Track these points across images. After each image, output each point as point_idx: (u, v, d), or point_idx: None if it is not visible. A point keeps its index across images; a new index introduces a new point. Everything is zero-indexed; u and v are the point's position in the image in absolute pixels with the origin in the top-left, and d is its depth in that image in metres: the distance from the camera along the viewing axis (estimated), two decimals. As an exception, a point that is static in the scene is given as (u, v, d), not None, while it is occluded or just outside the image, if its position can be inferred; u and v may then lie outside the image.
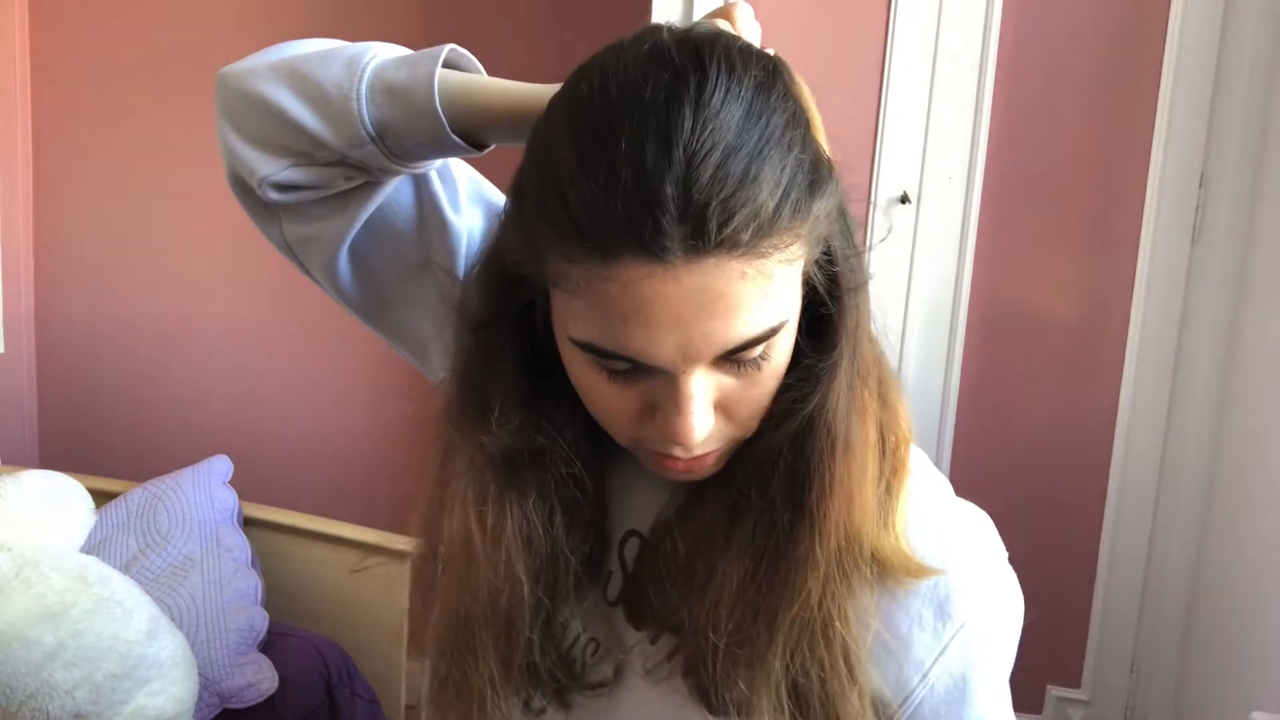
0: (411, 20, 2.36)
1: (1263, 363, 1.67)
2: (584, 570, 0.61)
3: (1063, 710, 1.98)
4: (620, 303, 0.47)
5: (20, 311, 2.63)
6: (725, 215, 0.45)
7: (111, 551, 1.91)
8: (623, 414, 0.54)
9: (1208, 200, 1.79)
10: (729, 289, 0.47)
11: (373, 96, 0.59)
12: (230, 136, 0.65)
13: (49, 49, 2.58)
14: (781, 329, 0.51)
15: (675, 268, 0.46)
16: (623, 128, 0.46)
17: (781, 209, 0.47)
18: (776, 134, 0.48)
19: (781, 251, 0.48)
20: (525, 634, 0.59)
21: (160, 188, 2.55)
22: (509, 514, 0.58)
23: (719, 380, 0.52)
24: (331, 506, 2.09)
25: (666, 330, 0.48)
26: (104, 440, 2.64)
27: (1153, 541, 1.89)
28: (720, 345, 0.49)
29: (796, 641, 0.55)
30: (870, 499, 0.55)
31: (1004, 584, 0.60)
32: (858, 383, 0.55)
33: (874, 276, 0.59)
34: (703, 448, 0.53)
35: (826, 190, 0.51)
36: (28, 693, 1.48)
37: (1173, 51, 1.78)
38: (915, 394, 1.92)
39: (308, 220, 0.66)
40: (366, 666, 1.90)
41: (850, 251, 0.54)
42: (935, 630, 0.57)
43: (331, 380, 2.48)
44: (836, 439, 0.54)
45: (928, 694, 0.58)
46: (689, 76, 0.47)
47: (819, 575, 0.54)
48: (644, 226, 0.45)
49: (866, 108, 1.85)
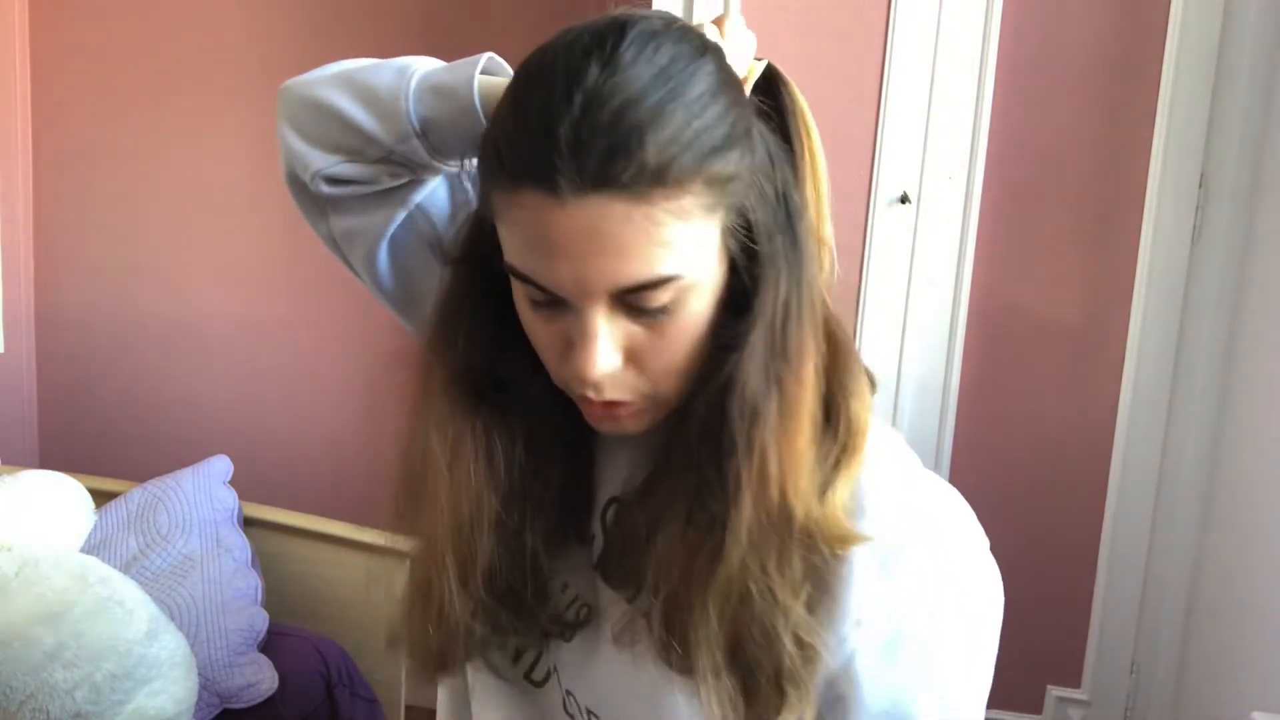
0: (410, 18, 2.36)
1: (1263, 363, 1.67)
2: (561, 521, 0.66)
3: (1063, 710, 1.98)
4: (527, 229, 0.54)
5: (20, 311, 2.63)
6: (609, 157, 0.51)
7: (111, 551, 1.91)
8: (550, 350, 0.59)
9: (1208, 200, 1.79)
10: (614, 229, 0.52)
11: (419, 96, 0.67)
12: (290, 137, 0.73)
13: (49, 49, 2.58)
14: (675, 282, 0.54)
15: (566, 202, 0.52)
16: (541, 78, 0.54)
17: (672, 162, 0.51)
18: (686, 96, 0.52)
19: (671, 203, 0.52)
20: (484, 543, 0.63)
21: (160, 188, 2.55)
22: (472, 432, 0.64)
23: (626, 327, 0.56)
24: (331, 506, 2.09)
25: (562, 260, 0.53)
26: (104, 440, 2.64)
27: (1153, 541, 1.89)
28: (610, 283, 0.53)
29: (725, 606, 0.57)
30: (801, 473, 0.57)
31: (966, 558, 0.60)
32: (779, 358, 0.57)
33: (831, 269, 0.62)
34: (613, 392, 0.58)
35: (738, 158, 0.54)
36: (28, 693, 1.48)
37: (1173, 51, 1.78)
38: (915, 394, 1.92)
39: (353, 214, 0.74)
40: (366, 666, 1.90)
41: (778, 230, 0.57)
42: (875, 588, 0.57)
43: (332, 380, 2.48)
44: (748, 409, 0.56)
45: (862, 647, 0.57)
46: (607, 38, 0.53)
47: (741, 541, 0.56)
48: (539, 160, 0.52)
49: (866, 108, 1.85)
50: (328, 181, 0.71)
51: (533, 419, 0.65)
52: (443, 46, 2.46)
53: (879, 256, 1.88)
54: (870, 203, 1.87)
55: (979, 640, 0.60)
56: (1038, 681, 1.98)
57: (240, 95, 2.45)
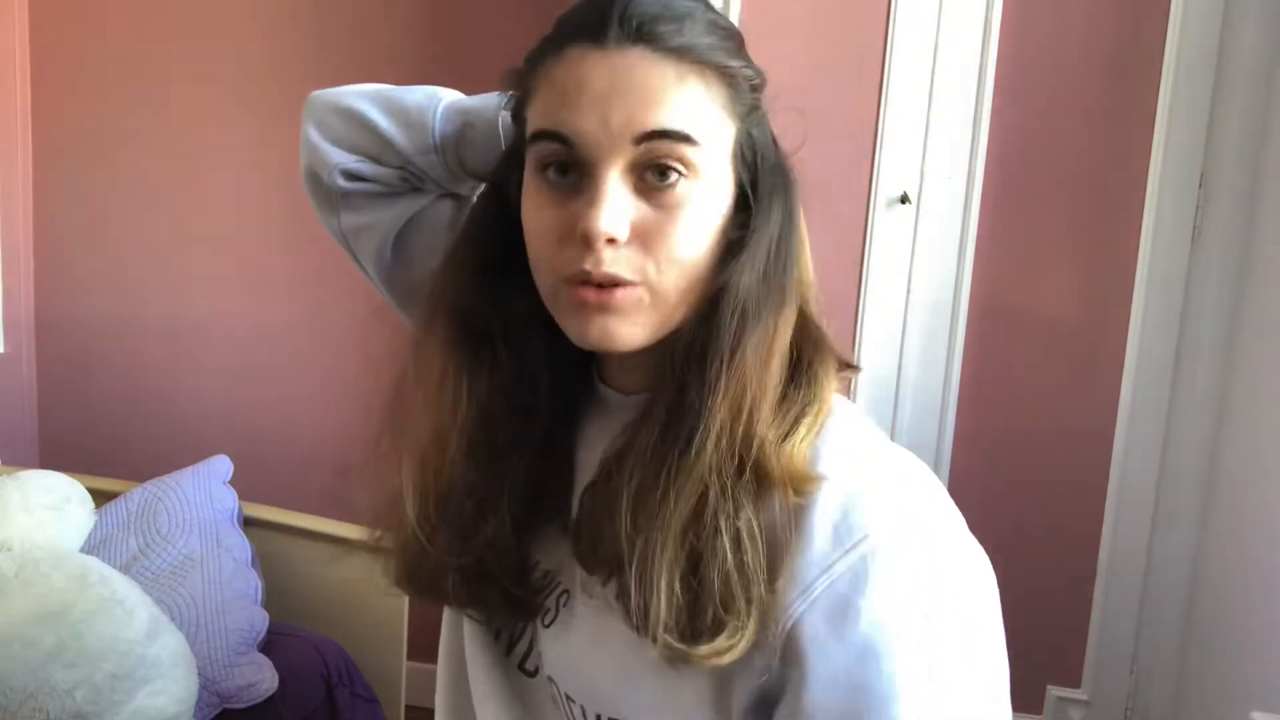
0: (413, 18, 2.36)
1: (1263, 363, 1.67)
2: (538, 504, 0.68)
3: (1063, 710, 1.98)
4: (565, 80, 0.60)
5: (20, 311, 2.63)
6: (655, 21, 0.59)
7: (111, 551, 1.91)
8: (552, 237, 0.61)
9: (1208, 200, 1.79)
10: (647, 75, 0.58)
11: (446, 115, 0.74)
12: (314, 137, 0.78)
13: (49, 49, 2.58)
14: (691, 148, 0.59)
15: (608, 50, 0.59)
16: None
17: (705, 44, 0.60)
18: (715, 15, 0.62)
19: (699, 75, 0.59)
20: (447, 470, 0.67)
21: (160, 188, 2.54)
22: (461, 366, 0.67)
23: (637, 204, 0.59)
24: (331, 506, 2.09)
25: (593, 103, 0.59)
26: (104, 440, 2.64)
27: (1153, 541, 1.89)
28: (637, 124, 0.58)
29: (685, 538, 0.58)
30: (767, 401, 0.60)
31: (927, 526, 0.59)
32: (776, 275, 0.62)
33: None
34: (614, 266, 0.59)
35: (749, 80, 0.62)
36: (28, 693, 1.48)
37: (1173, 51, 1.78)
38: (915, 394, 1.92)
39: (363, 212, 0.79)
40: (366, 666, 1.90)
41: (774, 166, 0.64)
42: (826, 549, 0.57)
43: (332, 380, 2.48)
44: (739, 310, 0.60)
45: (807, 609, 0.56)
46: None
47: (708, 450, 0.58)
48: (593, 18, 0.59)
49: (866, 108, 1.85)
50: (345, 176, 0.77)
51: (524, 368, 0.67)
52: (444, 45, 2.46)
53: (879, 256, 1.88)
54: (870, 203, 1.87)
55: (938, 617, 0.56)
56: (1038, 681, 1.98)
57: (241, 96, 2.45)
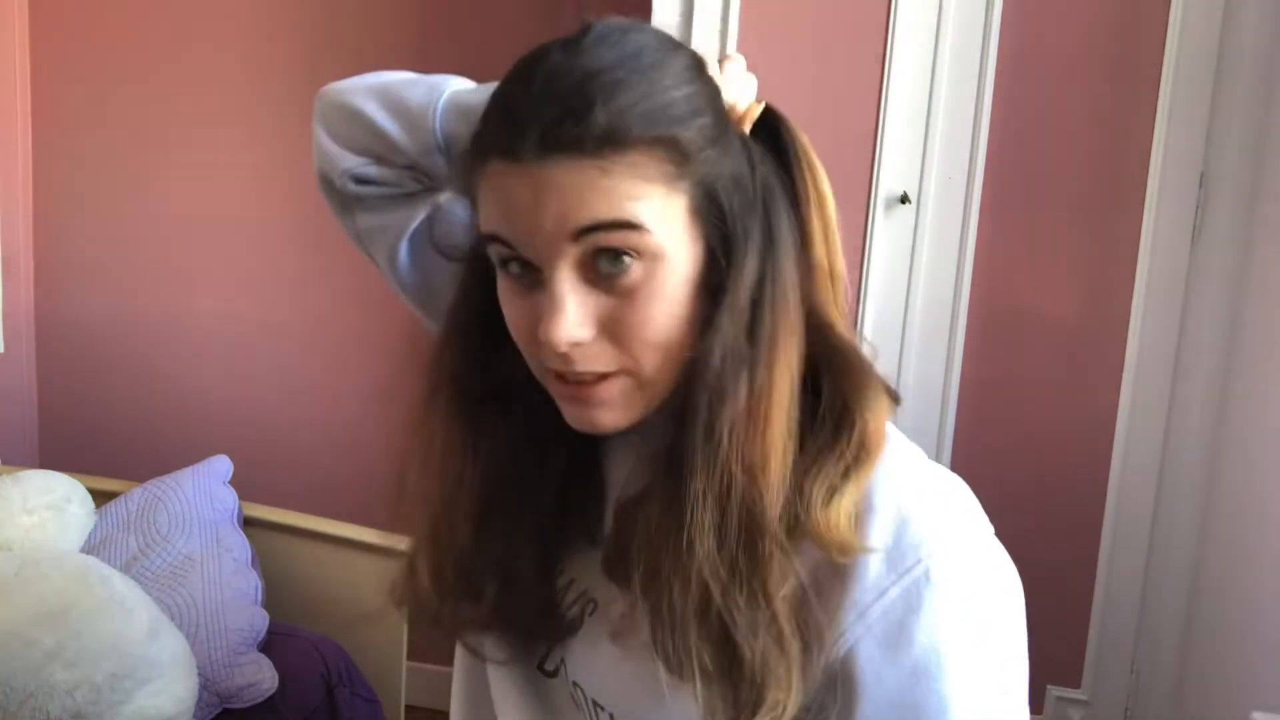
0: (407, 24, 2.36)
1: (1263, 363, 1.67)
2: (566, 522, 0.68)
3: (1063, 710, 1.98)
4: (495, 194, 0.58)
5: (20, 311, 2.63)
6: (560, 121, 0.54)
7: (111, 551, 1.91)
8: (525, 332, 0.60)
9: (1208, 200, 1.79)
10: (570, 181, 0.55)
11: (446, 114, 0.72)
12: (323, 138, 0.78)
13: (49, 49, 2.58)
14: (637, 234, 0.55)
15: (526, 165, 0.55)
16: (512, 71, 0.59)
17: (623, 124, 0.54)
18: (648, 74, 0.56)
19: (625, 162, 0.55)
20: (464, 536, 0.66)
21: (160, 188, 2.54)
22: (465, 430, 0.66)
23: (597, 298, 0.57)
24: (331, 506, 2.09)
25: (525, 214, 0.56)
26: (104, 440, 2.64)
27: (1153, 541, 1.89)
28: (570, 225, 0.55)
29: (696, 594, 0.57)
30: (771, 464, 0.57)
31: (975, 545, 0.60)
32: (745, 341, 0.58)
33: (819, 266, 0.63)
34: (586, 364, 0.58)
35: (701, 134, 0.57)
36: (28, 692, 1.48)
37: (1173, 51, 1.78)
38: (915, 394, 1.92)
39: (376, 213, 0.78)
40: (366, 666, 1.90)
41: (752, 219, 0.59)
42: (880, 575, 0.57)
43: (332, 380, 2.48)
44: (712, 388, 0.57)
45: (864, 635, 0.57)
46: (579, 34, 0.57)
47: (704, 526, 0.56)
48: (502, 132, 0.56)
49: (866, 108, 1.85)
50: (355, 180, 0.76)
51: (530, 423, 0.66)
52: (447, 41, 2.46)
53: (879, 256, 1.88)
54: (870, 203, 1.87)
55: (988, 635, 0.59)
56: (1038, 681, 1.98)
57: (241, 95, 2.45)
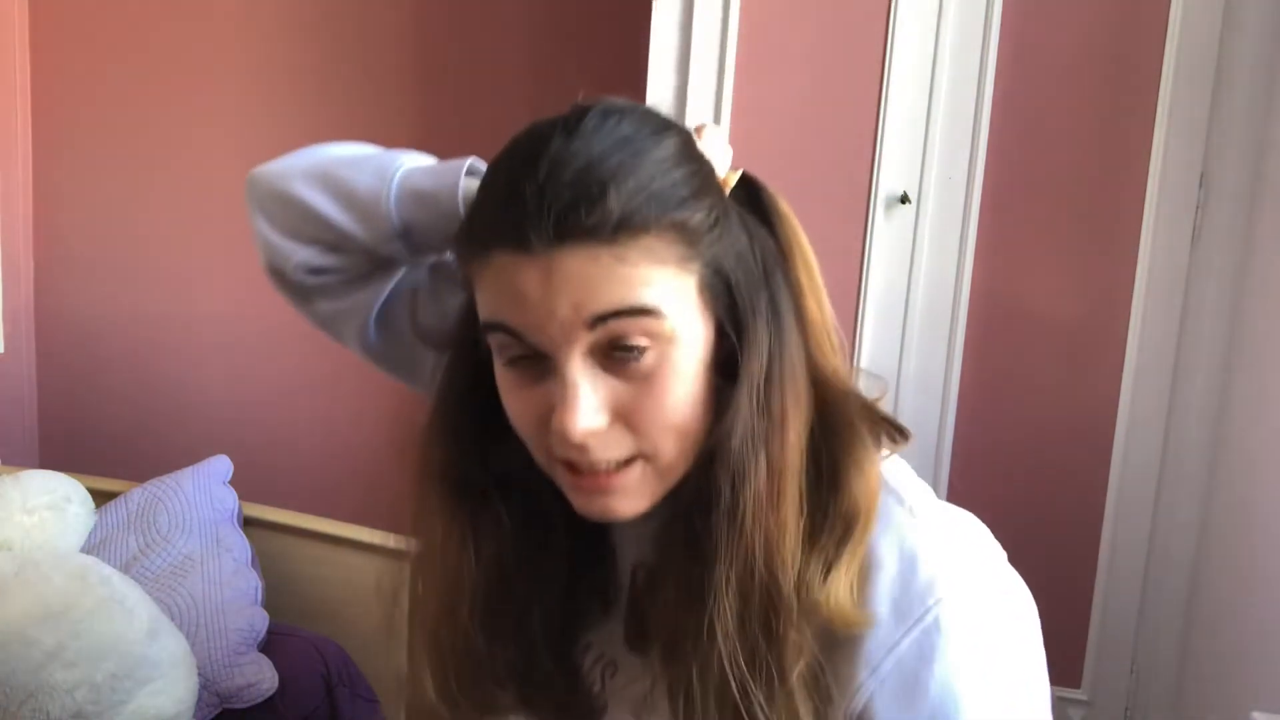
0: (408, 22, 2.36)
1: (1263, 363, 1.67)
2: (579, 594, 0.67)
3: (1063, 710, 1.98)
4: (501, 284, 0.55)
5: (20, 311, 2.63)
6: (573, 208, 0.53)
7: (111, 551, 1.91)
8: (530, 423, 0.58)
9: (1208, 200, 1.79)
10: (583, 269, 0.53)
11: (401, 200, 0.68)
12: (264, 229, 0.74)
13: (49, 48, 2.58)
14: (652, 319, 0.54)
15: (537, 255, 0.53)
16: (508, 155, 0.57)
17: (637, 209, 0.53)
18: (649, 157, 0.55)
19: (640, 246, 0.54)
20: (470, 630, 0.64)
21: (160, 188, 2.55)
22: (463, 523, 0.64)
23: (609, 383, 0.56)
24: (331, 506, 2.09)
25: (535, 304, 0.54)
26: (104, 440, 2.64)
27: (1153, 541, 1.89)
28: (586, 312, 0.54)
29: (718, 678, 0.56)
30: (786, 542, 0.57)
31: (982, 584, 0.59)
32: (763, 419, 0.57)
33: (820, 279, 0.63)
34: (602, 452, 0.57)
35: (707, 214, 0.56)
36: (28, 692, 1.48)
37: (1173, 51, 1.77)
38: (915, 394, 1.92)
39: (338, 298, 0.75)
40: (366, 666, 1.90)
41: (760, 291, 0.59)
42: (890, 629, 0.57)
43: (332, 380, 2.48)
44: (733, 470, 0.56)
45: (877, 689, 0.57)
46: (574, 116, 0.56)
47: (726, 610, 0.56)
48: (508, 221, 0.54)
49: (866, 108, 1.85)
50: (308, 272, 0.73)
51: (532, 509, 0.65)
52: (447, 38, 2.45)
53: (879, 256, 1.88)
54: (870, 203, 1.87)
55: (1003, 672, 0.58)
56: (1038, 681, 1.98)
57: (241, 95, 2.45)
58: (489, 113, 2.28)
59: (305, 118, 2.40)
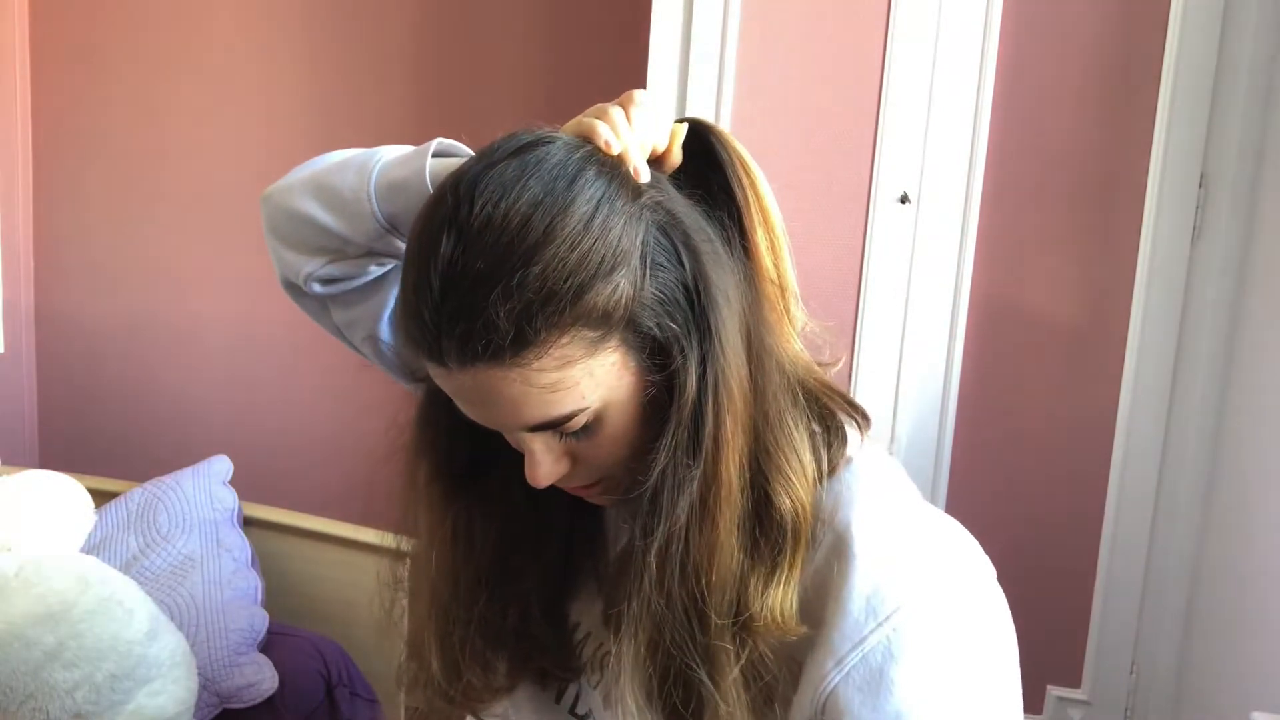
0: (408, 21, 2.36)
1: (1263, 363, 1.67)
2: (570, 576, 0.71)
3: (1063, 710, 1.98)
4: (440, 382, 0.59)
5: (20, 311, 2.63)
6: (468, 338, 0.53)
7: (111, 551, 1.91)
8: (513, 453, 0.62)
9: (1208, 200, 1.79)
10: (500, 389, 0.55)
11: (380, 194, 0.70)
12: (277, 246, 0.77)
13: (49, 48, 2.58)
14: (580, 415, 0.57)
15: (453, 371, 0.56)
16: (415, 249, 0.56)
17: (531, 325, 0.53)
18: (545, 250, 0.53)
19: (545, 357, 0.54)
20: (466, 617, 0.68)
21: (160, 188, 2.55)
22: (454, 518, 0.67)
23: (562, 442, 0.60)
24: (331, 506, 2.09)
25: (472, 409, 0.58)
26: (104, 440, 2.64)
27: (1153, 541, 1.89)
28: (520, 424, 0.57)
29: (663, 668, 0.59)
30: (719, 560, 0.58)
31: (956, 590, 0.59)
32: (686, 459, 0.58)
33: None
34: (570, 482, 0.62)
35: (619, 284, 0.54)
36: (28, 692, 1.48)
37: (1173, 51, 1.78)
38: (915, 394, 1.92)
39: (350, 305, 0.78)
40: (366, 666, 1.90)
41: (684, 330, 0.57)
42: (859, 623, 0.58)
43: (332, 380, 2.48)
44: (662, 506, 0.58)
45: (842, 681, 0.58)
46: (461, 206, 0.54)
47: (661, 603, 0.58)
48: (421, 340, 0.56)
49: (866, 108, 1.85)
50: (319, 282, 0.76)
51: (523, 490, 0.65)
52: (447, 37, 2.46)
53: (879, 256, 1.88)
54: (870, 203, 1.87)
55: (971, 677, 0.59)
56: (1038, 681, 1.98)
57: (241, 95, 2.45)
58: (490, 113, 2.28)
59: (306, 118, 2.40)
